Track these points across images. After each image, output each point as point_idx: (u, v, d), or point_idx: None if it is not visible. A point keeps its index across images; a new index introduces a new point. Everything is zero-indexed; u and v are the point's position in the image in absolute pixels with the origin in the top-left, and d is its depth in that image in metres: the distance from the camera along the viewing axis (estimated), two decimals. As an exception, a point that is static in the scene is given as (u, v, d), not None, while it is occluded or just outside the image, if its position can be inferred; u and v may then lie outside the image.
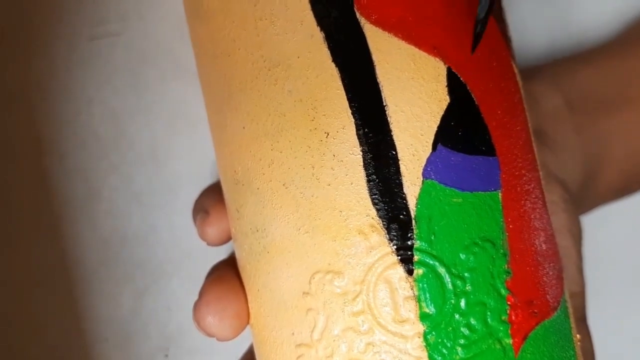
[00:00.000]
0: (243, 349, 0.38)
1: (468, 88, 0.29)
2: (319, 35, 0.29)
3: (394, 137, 0.29)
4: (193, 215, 0.36)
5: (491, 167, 0.29)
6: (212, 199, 0.34)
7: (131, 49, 0.39)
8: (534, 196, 0.31)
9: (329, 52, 0.29)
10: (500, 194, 0.30)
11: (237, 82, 0.30)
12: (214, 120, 0.32)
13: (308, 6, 0.29)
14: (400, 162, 0.29)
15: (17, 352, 0.40)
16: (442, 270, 0.29)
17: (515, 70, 0.32)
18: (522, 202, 0.30)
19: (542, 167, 0.33)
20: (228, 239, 0.34)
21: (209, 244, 0.34)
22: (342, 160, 0.29)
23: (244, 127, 0.30)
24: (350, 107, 0.29)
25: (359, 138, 0.29)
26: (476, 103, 0.29)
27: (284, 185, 0.29)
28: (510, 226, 0.30)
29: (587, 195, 0.42)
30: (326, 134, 0.29)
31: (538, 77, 0.42)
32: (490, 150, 0.30)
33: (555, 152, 0.39)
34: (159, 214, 0.40)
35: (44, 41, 0.38)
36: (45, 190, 0.39)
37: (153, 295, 0.41)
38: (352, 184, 0.29)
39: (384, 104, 0.29)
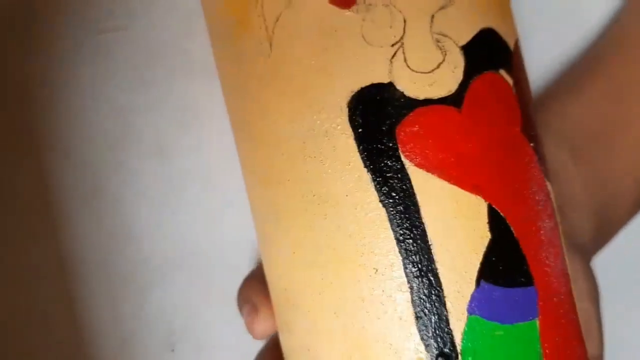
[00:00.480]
0: (249, 344, 0.38)
1: (507, 222, 0.31)
2: (366, 177, 0.30)
3: (440, 275, 0.30)
4: (238, 304, 0.36)
5: (530, 296, 0.31)
6: (259, 291, 0.35)
7: (138, 44, 0.39)
8: (568, 318, 0.32)
9: (376, 193, 0.30)
10: (537, 321, 0.31)
11: (286, 211, 0.31)
12: (262, 235, 0.33)
13: (355, 148, 0.30)
14: (445, 299, 0.30)
15: (18, 351, 0.39)
16: None
17: (549, 188, 0.33)
18: (558, 329, 0.32)
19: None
20: (273, 331, 0.35)
21: (255, 338, 0.35)
22: (390, 296, 0.30)
23: (293, 252, 0.31)
24: (398, 245, 0.30)
25: (406, 276, 0.30)
26: (515, 236, 0.31)
27: (334, 313, 0.31)
28: (547, 351, 0.31)
29: (602, 236, 0.43)
30: (375, 270, 0.30)
31: (543, 129, 0.42)
32: (529, 281, 0.31)
33: (567, 216, 0.40)
34: (165, 210, 0.40)
35: (50, 36, 0.38)
36: (50, 186, 0.39)
37: (159, 291, 0.40)
38: (401, 319, 0.30)
39: (430, 243, 0.30)
